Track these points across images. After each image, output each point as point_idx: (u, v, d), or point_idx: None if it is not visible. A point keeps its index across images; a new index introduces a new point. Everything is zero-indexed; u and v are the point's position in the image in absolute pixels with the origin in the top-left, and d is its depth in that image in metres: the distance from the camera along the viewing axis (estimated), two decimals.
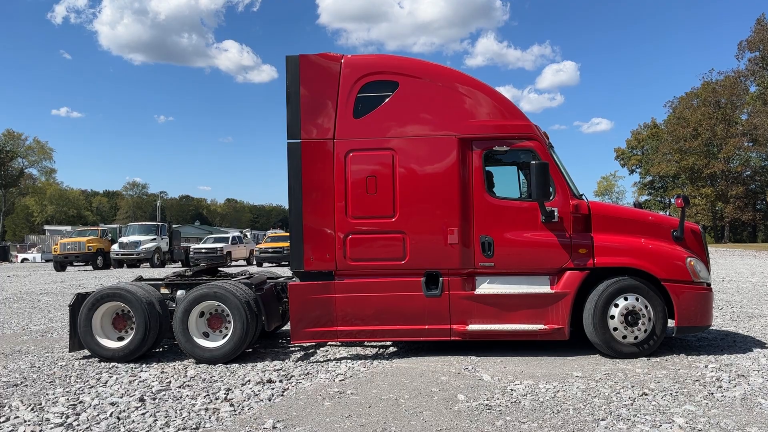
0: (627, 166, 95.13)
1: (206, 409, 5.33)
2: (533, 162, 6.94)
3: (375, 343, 8.14)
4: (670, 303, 7.04)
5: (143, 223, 40.89)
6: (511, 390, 5.76)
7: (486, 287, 7.24)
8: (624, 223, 7.34)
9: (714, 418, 4.84)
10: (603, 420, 4.83)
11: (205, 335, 7.37)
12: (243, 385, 6.19)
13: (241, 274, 8.62)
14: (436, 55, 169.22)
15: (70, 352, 7.80)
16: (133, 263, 33.19)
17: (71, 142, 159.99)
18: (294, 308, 7.37)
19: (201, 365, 7.14)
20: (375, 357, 7.46)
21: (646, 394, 5.49)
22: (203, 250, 35.21)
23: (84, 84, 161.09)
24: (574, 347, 7.51)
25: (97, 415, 5.20)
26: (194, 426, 4.89)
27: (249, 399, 5.67)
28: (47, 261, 46.73)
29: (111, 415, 5.17)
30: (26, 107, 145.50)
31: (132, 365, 7.20)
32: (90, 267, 33.04)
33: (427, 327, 7.22)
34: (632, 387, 5.75)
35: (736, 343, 7.86)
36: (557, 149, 7.93)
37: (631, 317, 6.98)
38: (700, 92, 74.67)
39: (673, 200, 8.86)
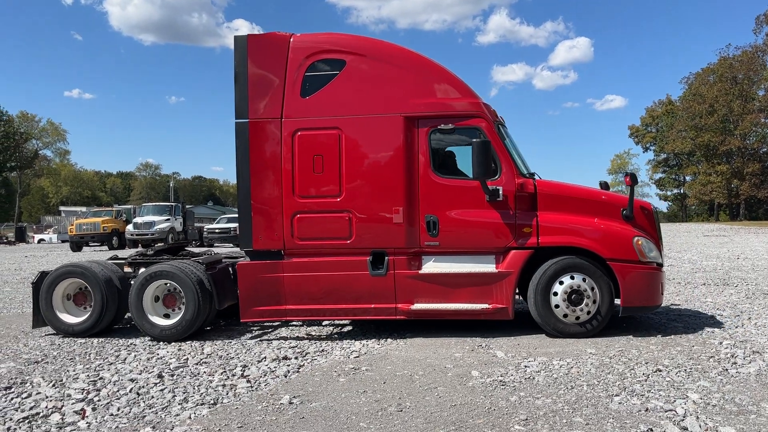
0: (641, 144, 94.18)
1: (223, 386, 5.42)
2: (474, 140, 6.86)
3: (388, 321, 8.18)
4: (616, 282, 7.00)
5: (157, 203, 41.16)
6: (525, 366, 5.80)
7: (431, 266, 7.22)
8: (572, 202, 7.24)
9: (728, 393, 4.84)
10: (617, 396, 4.85)
11: (162, 313, 7.58)
12: (259, 362, 6.27)
13: (205, 254, 8.77)
14: (448, 33, 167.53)
15: (33, 328, 8.06)
16: (148, 243, 33.43)
17: (84, 123, 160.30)
18: (243, 287, 7.43)
19: (217, 342, 7.25)
20: (389, 334, 7.52)
21: (660, 371, 5.51)
22: (217, 230, 35.42)
23: (95, 65, 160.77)
24: None
25: (117, 391, 5.30)
26: (212, 402, 4.97)
27: (265, 375, 5.75)
28: (63, 242, 47.31)
29: (131, 391, 5.27)
30: (39, 89, 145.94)
31: (150, 343, 7.32)
32: (105, 247, 33.42)
33: (373, 306, 7.23)
34: (646, 363, 5.76)
35: (751, 320, 7.82)
36: (569, 127, 7.98)
37: (574, 296, 6.96)
38: (716, 68, 73.57)
39: (689, 178, 8.79)
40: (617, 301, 7.07)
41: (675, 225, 59.87)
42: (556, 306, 6.98)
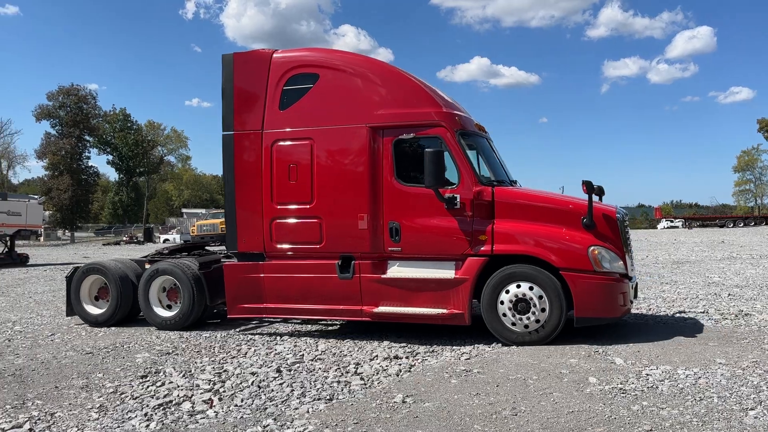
0: None
1: (338, 382, 5.58)
2: (426, 149, 6.93)
3: None
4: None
5: None
6: (647, 375, 5.51)
7: (395, 271, 7.37)
8: (530, 210, 7.17)
9: None
10: (752, 410, 4.50)
11: (168, 306, 8.60)
12: (371, 360, 6.40)
13: (219, 253, 9.45)
14: (555, 29, 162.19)
15: (67, 316, 9.21)
16: None
17: (202, 130, 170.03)
18: (229, 286, 8.04)
19: (331, 340, 7.47)
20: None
21: None
22: None
23: (212, 75, 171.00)
24: (714, 335, 7.05)
25: (240, 383, 5.60)
26: (328, 397, 5.13)
27: (378, 374, 5.86)
28: (185, 241, 50.59)
29: (252, 384, 5.55)
30: (163, 99, 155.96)
31: (267, 339, 7.67)
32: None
33: (341, 307, 7.56)
34: None
35: None
36: (689, 123, 7.46)
37: (520, 305, 6.87)
38: None
39: None
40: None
41: None
42: (504, 315, 6.95)
